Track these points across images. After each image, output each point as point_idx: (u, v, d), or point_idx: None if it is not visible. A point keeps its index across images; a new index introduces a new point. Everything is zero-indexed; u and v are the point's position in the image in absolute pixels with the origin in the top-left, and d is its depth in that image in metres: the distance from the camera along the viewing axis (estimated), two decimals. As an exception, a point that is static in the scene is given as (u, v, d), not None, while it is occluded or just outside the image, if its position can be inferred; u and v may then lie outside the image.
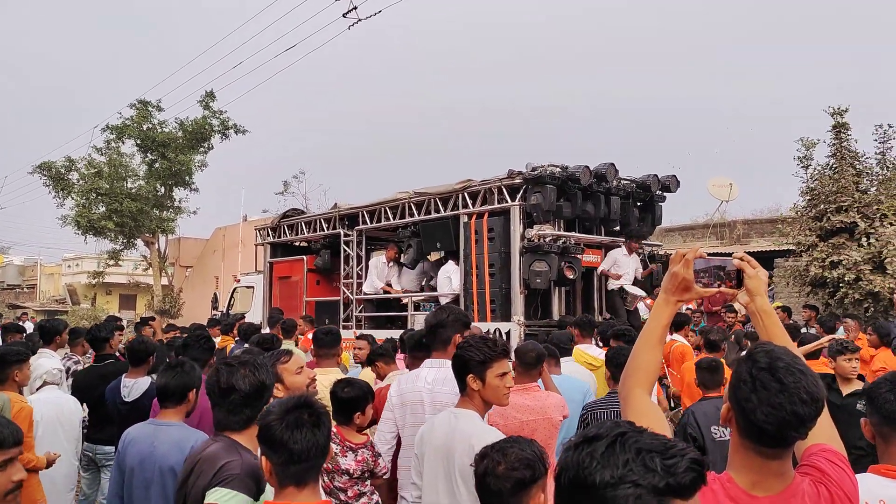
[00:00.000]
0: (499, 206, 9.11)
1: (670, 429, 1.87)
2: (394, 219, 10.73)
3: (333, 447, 3.39)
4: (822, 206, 10.37)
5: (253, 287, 14.00)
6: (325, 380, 4.57)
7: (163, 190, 28.68)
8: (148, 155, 27.78)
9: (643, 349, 1.89)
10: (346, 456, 3.48)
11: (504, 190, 9.07)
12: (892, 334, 7.28)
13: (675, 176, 9.72)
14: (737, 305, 12.77)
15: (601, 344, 6.74)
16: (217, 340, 10.07)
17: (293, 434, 2.00)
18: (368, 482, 3.52)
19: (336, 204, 12.05)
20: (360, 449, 3.53)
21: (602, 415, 4.15)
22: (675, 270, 1.89)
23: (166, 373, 3.29)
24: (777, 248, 13.89)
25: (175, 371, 3.27)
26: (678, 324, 7.07)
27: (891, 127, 10.50)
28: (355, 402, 3.57)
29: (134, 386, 5.08)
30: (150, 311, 31.31)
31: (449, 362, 3.53)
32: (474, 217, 9.35)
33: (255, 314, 13.15)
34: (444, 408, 3.43)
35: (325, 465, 3.35)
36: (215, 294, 16.00)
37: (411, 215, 10.40)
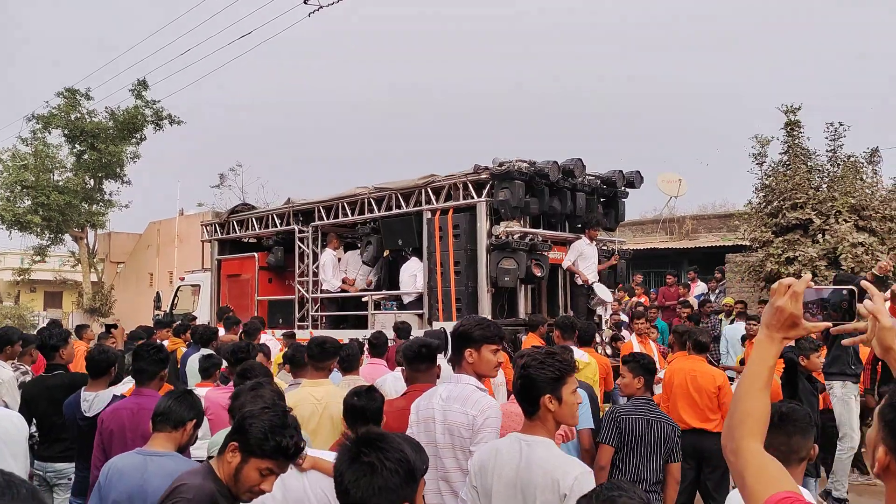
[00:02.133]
0: (464, 202, 8.90)
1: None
2: (352, 214, 10.39)
3: None
4: (777, 202, 10.54)
5: (199, 285, 13.41)
6: (317, 392, 4.29)
7: (92, 182, 27.41)
8: (76, 146, 26.49)
9: (749, 395, 1.65)
10: None
11: (469, 185, 8.87)
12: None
13: (638, 172, 9.71)
14: (691, 300, 12.94)
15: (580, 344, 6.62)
16: (166, 343, 9.57)
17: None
18: None
19: (289, 199, 11.61)
20: None
21: (633, 420, 4.05)
22: (781, 304, 1.63)
23: (172, 397, 3.02)
24: (727, 244, 14.15)
25: (181, 397, 3.01)
26: (587, 340, 6.88)
27: (841, 125, 10.78)
28: (381, 412, 3.36)
29: (95, 400, 4.66)
30: (79, 310, 29.92)
31: (465, 377, 3.31)
32: (438, 213, 9.12)
33: (203, 314, 12.60)
34: (456, 428, 3.21)
35: None
36: (158, 293, 15.25)
37: (371, 211, 10.09)
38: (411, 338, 8.12)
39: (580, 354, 6.08)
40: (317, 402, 4.19)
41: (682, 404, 5.42)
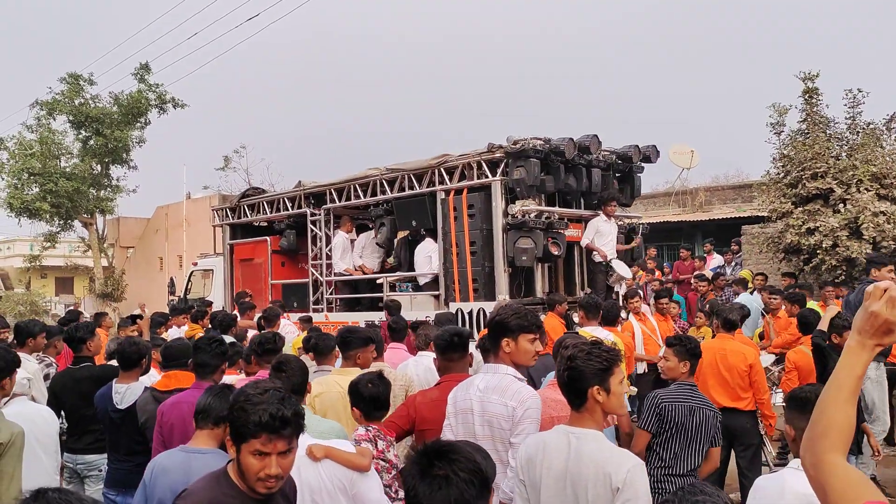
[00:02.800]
0: (478, 181, 8.81)
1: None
2: (364, 196, 10.31)
3: (381, 444, 3.33)
4: (796, 172, 10.39)
5: (211, 270, 13.40)
6: (343, 381, 4.23)
7: (99, 168, 27.34)
8: (81, 132, 26.38)
9: (833, 405, 1.57)
10: (389, 451, 3.43)
11: (484, 164, 8.76)
12: None
13: (654, 146, 9.56)
14: (707, 273, 12.83)
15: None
16: (184, 329, 9.57)
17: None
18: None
19: (300, 182, 11.51)
20: (394, 442, 3.58)
21: (675, 407, 3.97)
22: (876, 310, 1.55)
23: (212, 393, 3.01)
24: (743, 216, 14.00)
25: (221, 393, 2.98)
26: (611, 320, 6.88)
27: (860, 91, 10.58)
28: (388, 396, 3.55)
29: (127, 392, 4.65)
30: (91, 295, 30.02)
31: (503, 367, 3.26)
32: (452, 193, 9.03)
33: (216, 299, 12.60)
34: (496, 419, 3.16)
35: (375, 465, 3.14)
36: (172, 279, 15.24)
37: (383, 192, 10.01)
38: (396, 319, 8.10)
39: (605, 335, 6.04)
40: (342, 389, 4.15)
41: (713, 383, 5.37)
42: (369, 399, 3.48)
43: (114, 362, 5.15)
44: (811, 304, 7.89)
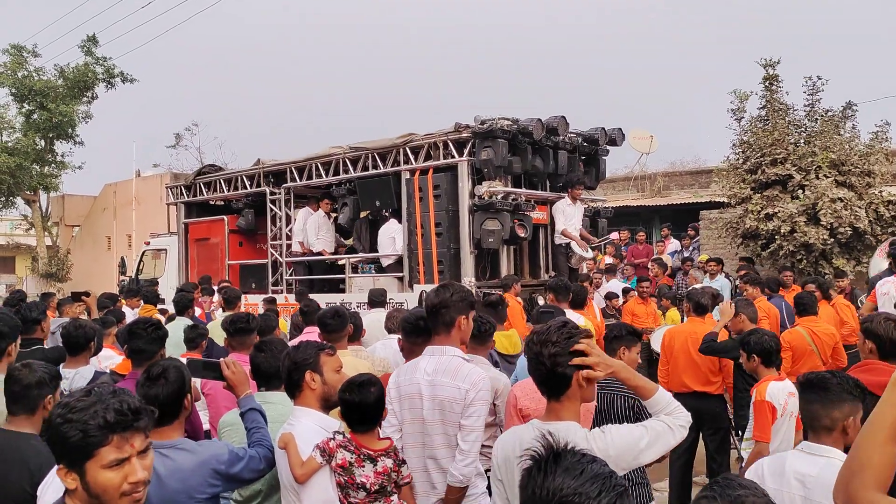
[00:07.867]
0: (444, 161, 8.64)
1: None
2: (326, 175, 10.06)
3: (347, 456, 2.84)
4: (755, 158, 10.49)
5: (165, 250, 12.98)
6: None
7: (43, 143, 26.32)
8: (25, 105, 25.34)
9: (871, 443, 1.50)
10: (362, 466, 2.86)
11: (450, 144, 8.60)
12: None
13: (620, 129, 9.53)
14: (665, 257, 12.94)
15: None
16: (136, 311, 9.23)
17: None
18: (394, 497, 2.92)
19: (259, 160, 11.19)
20: (381, 458, 2.90)
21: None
22: None
23: (148, 385, 2.70)
24: (699, 201, 14.16)
25: (158, 382, 2.69)
26: (580, 302, 6.71)
27: (819, 79, 10.72)
28: (381, 403, 2.97)
29: (75, 376, 4.41)
30: (34, 275, 28.97)
31: (450, 349, 3.13)
32: (417, 173, 8.86)
33: (171, 280, 12.23)
34: (447, 403, 3.05)
35: (338, 479, 2.84)
36: (123, 259, 14.73)
37: (346, 171, 9.78)
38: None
39: (575, 317, 5.98)
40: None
41: (684, 367, 5.35)
42: (344, 406, 2.97)
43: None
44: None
